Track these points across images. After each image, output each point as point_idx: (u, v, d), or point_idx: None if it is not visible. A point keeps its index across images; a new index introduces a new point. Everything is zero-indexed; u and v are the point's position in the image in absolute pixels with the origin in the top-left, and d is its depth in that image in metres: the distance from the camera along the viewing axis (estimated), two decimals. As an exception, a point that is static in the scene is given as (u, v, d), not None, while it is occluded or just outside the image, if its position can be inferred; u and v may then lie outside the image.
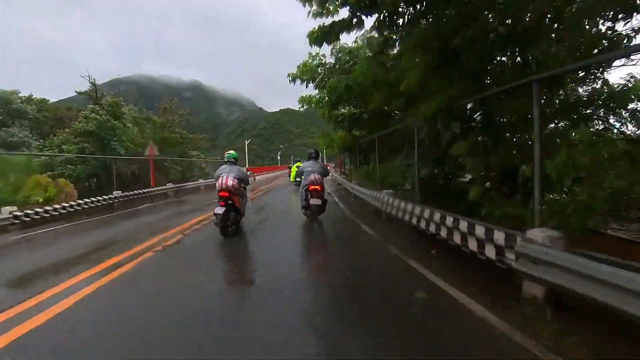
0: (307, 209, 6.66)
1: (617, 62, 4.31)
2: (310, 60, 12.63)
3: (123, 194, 11.82)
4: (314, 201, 6.42)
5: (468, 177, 6.15)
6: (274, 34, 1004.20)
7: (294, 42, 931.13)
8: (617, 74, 7.61)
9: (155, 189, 14.35)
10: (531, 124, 3.36)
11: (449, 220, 4.04)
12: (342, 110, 12.65)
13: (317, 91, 13.04)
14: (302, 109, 14.49)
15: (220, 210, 5.41)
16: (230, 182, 5.56)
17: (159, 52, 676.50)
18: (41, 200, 10.19)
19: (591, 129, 4.57)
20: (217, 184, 5.70)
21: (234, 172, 5.72)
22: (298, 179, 15.86)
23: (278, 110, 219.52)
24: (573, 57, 4.44)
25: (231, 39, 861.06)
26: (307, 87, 12.67)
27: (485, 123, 5.46)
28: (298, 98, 12.98)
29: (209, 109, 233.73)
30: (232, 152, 6.20)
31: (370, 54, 8.74)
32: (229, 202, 5.57)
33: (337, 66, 12.12)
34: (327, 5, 5.27)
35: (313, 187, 6.48)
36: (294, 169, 16.98)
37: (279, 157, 78.03)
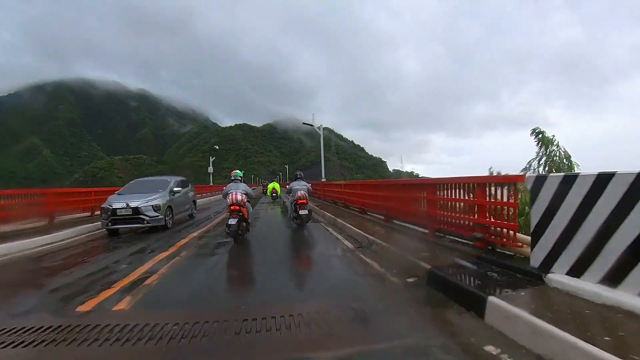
0: (297, 219, 8.59)
1: None
2: None
3: None
4: (303, 211, 8.29)
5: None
6: (227, 47, 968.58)
7: (246, 56, 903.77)
8: None
9: None
10: None
11: None
12: None
13: None
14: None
15: (233, 221, 6.39)
16: (239, 197, 6.66)
17: (94, 53, 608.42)
18: None
19: None
20: (227, 200, 6.78)
21: (241, 189, 6.88)
22: (274, 194, 20.33)
23: (233, 125, 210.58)
24: None
25: (181, 48, 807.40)
26: None
27: None
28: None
29: (156, 121, 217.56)
30: (238, 171, 7.47)
31: None
32: (240, 214, 6.57)
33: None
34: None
35: (301, 201, 8.41)
36: (270, 186, 20.90)
37: (210, 171, 39.83)
